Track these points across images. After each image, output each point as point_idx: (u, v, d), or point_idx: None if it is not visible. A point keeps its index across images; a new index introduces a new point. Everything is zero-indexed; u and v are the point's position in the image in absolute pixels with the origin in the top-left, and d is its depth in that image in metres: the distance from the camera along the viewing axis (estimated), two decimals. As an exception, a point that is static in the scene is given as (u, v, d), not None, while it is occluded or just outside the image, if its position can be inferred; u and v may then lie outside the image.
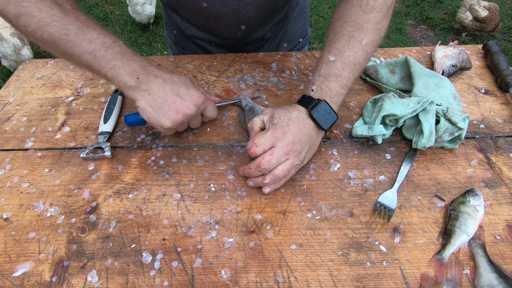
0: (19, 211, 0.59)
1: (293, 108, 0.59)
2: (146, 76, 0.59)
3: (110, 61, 0.57)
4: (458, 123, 0.60)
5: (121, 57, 0.58)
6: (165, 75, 0.60)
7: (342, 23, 0.62)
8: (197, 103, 0.61)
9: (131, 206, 0.59)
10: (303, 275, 0.51)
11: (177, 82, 0.60)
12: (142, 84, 0.58)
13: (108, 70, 0.58)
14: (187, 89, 0.61)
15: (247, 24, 0.80)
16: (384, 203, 0.57)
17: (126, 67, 0.58)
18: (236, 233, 0.55)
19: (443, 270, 0.50)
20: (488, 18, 2.43)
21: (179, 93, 0.60)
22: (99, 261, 0.53)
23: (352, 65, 0.61)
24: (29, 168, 0.64)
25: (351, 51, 0.61)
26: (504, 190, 0.59)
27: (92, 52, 0.56)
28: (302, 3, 0.94)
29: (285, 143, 0.55)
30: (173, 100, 0.59)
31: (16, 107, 0.76)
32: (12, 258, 0.53)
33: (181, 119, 0.60)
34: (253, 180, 0.59)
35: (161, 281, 0.50)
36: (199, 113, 0.63)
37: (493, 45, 0.81)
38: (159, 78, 0.59)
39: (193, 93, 0.61)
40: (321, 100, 0.59)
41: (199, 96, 0.61)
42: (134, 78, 0.58)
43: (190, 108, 0.60)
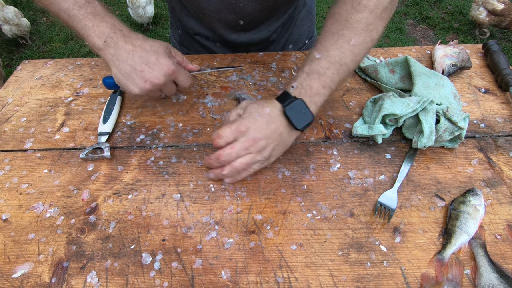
0: (18, 212, 0.58)
1: (268, 104, 0.58)
2: (114, 41, 0.58)
3: (81, 20, 0.58)
4: (458, 123, 0.60)
5: (92, 17, 0.58)
6: (135, 41, 0.59)
7: (333, 21, 0.60)
8: (166, 73, 0.59)
9: (131, 207, 0.59)
10: (304, 275, 0.50)
11: (147, 50, 0.59)
12: (110, 48, 0.58)
13: (80, 30, 0.59)
14: (156, 58, 0.59)
15: (245, 19, 0.80)
16: (385, 203, 0.57)
17: (96, 28, 0.58)
18: (236, 234, 0.55)
19: (443, 270, 0.50)
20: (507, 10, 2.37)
21: (148, 61, 0.58)
22: (98, 262, 0.52)
23: (338, 65, 0.58)
24: (28, 169, 0.64)
25: (338, 51, 0.58)
26: (505, 189, 0.59)
27: (66, 10, 0.58)
28: (309, 4, 0.94)
29: (247, 138, 0.54)
30: (141, 69, 0.58)
31: (15, 107, 0.75)
32: (12, 259, 0.53)
33: (149, 88, 0.59)
34: (213, 172, 0.59)
35: (161, 282, 0.50)
36: (169, 83, 0.62)
37: (493, 45, 0.81)
38: (128, 44, 0.58)
39: (162, 62, 0.59)
40: (297, 98, 0.57)
41: (168, 66, 0.59)
42: (102, 41, 0.58)
43: (158, 78, 0.59)
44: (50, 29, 2.85)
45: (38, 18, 2.97)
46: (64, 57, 2.60)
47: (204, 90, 0.78)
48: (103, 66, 0.85)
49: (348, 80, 0.79)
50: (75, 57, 2.61)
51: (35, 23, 2.93)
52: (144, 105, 0.75)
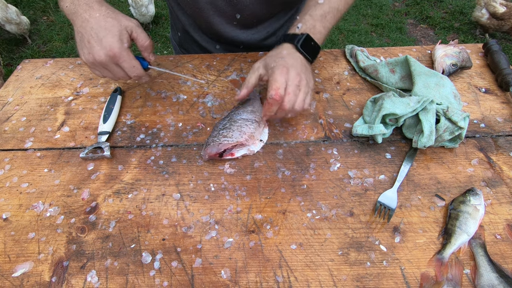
0: (18, 211, 0.59)
1: (281, 48, 0.65)
2: (74, 10, 0.60)
3: None
4: (458, 122, 0.60)
5: None
6: (94, 12, 0.60)
7: None
8: (107, 54, 0.59)
9: (131, 206, 0.59)
10: (303, 275, 0.50)
11: (100, 24, 0.59)
12: (71, 14, 0.61)
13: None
14: (104, 35, 0.59)
15: (242, 13, 0.80)
16: (384, 203, 0.57)
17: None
18: (236, 233, 0.55)
19: (443, 269, 0.50)
20: (507, 14, 2.33)
21: (96, 36, 0.59)
22: (98, 261, 0.52)
23: (335, 11, 0.69)
24: (28, 168, 0.64)
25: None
26: (505, 189, 0.59)
27: None
28: None
29: (292, 77, 0.60)
30: (88, 40, 0.59)
31: (15, 107, 0.76)
32: (12, 258, 0.53)
33: (91, 61, 0.60)
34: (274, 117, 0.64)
35: (160, 281, 0.50)
36: (112, 64, 0.61)
37: (493, 44, 0.81)
38: (86, 14, 0.60)
39: (107, 41, 0.58)
40: (304, 34, 0.65)
41: (111, 47, 0.59)
42: (65, 8, 0.61)
43: (99, 55, 0.59)
44: (51, 28, 2.85)
45: (38, 17, 2.97)
46: (64, 57, 2.60)
47: (205, 89, 0.78)
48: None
49: (349, 79, 0.79)
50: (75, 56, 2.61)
51: (35, 22, 2.93)
52: (144, 105, 0.75)
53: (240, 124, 0.65)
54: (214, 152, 0.61)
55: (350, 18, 2.88)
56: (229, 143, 0.62)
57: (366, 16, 2.90)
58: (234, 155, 0.63)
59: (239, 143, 0.62)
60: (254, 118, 0.66)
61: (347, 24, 2.81)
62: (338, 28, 2.78)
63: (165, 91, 0.78)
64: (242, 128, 0.64)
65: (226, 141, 0.62)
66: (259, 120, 0.66)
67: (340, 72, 0.81)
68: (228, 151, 0.63)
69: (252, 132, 0.64)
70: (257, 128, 0.65)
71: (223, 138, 0.62)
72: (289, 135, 0.68)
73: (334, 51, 0.86)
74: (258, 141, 0.66)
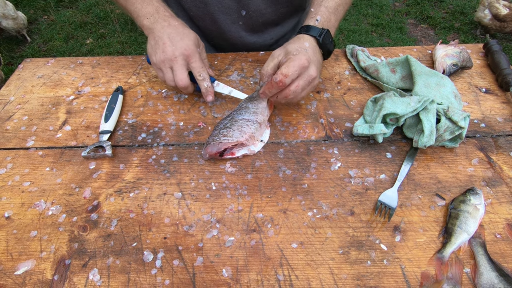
0: (20, 209, 0.59)
1: (303, 39, 0.64)
2: (154, 19, 0.67)
3: (133, 4, 0.69)
4: (458, 122, 0.60)
5: (142, 1, 0.68)
6: (173, 21, 0.66)
7: None
8: (182, 52, 0.64)
9: (132, 205, 0.59)
10: (304, 273, 0.51)
11: (179, 31, 0.65)
12: (151, 24, 0.67)
13: (132, 12, 0.69)
14: (181, 38, 0.65)
15: (247, 9, 0.81)
16: (385, 202, 0.57)
17: (144, 9, 0.67)
18: (237, 232, 0.55)
19: (443, 268, 0.50)
20: (509, 16, 2.31)
21: (173, 38, 0.64)
22: (100, 260, 0.53)
23: (344, 3, 0.71)
24: (30, 167, 0.65)
25: None
26: (505, 189, 0.59)
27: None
28: None
29: (310, 73, 0.60)
30: (164, 42, 0.64)
31: (17, 106, 0.76)
32: (14, 256, 0.53)
33: (162, 58, 0.64)
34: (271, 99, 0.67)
35: (162, 280, 0.50)
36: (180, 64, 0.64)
37: (493, 44, 0.81)
38: (165, 22, 0.66)
39: (184, 43, 0.64)
40: (324, 29, 0.65)
41: (188, 47, 0.65)
42: (146, 19, 0.67)
43: (173, 53, 0.64)
44: (51, 27, 2.86)
45: (39, 16, 2.97)
46: (65, 56, 2.60)
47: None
48: (104, 65, 0.85)
49: (349, 79, 0.79)
50: (76, 55, 2.62)
51: (36, 21, 2.93)
52: (145, 104, 0.75)
53: (241, 124, 0.65)
54: (215, 151, 0.62)
55: (351, 18, 2.88)
56: (229, 142, 0.62)
57: (366, 16, 2.90)
58: (234, 155, 0.63)
59: (239, 142, 0.63)
60: (256, 119, 0.66)
61: (347, 24, 2.81)
62: (339, 28, 2.78)
63: (166, 90, 0.78)
64: (243, 128, 0.64)
65: (226, 140, 0.62)
66: (261, 122, 0.66)
67: (341, 71, 0.81)
68: (229, 151, 0.63)
69: (252, 132, 0.64)
70: (258, 129, 0.65)
71: (224, 137, 0.63)
72: (290, 135, 0.69)
73: (335, 50, 0.86)
74: (259, 141, 0.66)
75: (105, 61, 0.86)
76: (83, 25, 2.85)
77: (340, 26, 2.78)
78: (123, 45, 2.70)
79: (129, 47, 2.68)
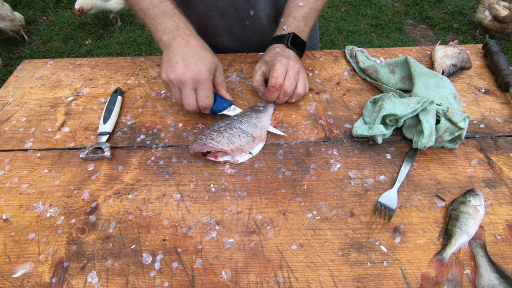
0: (18, 211, 0.58)
1: (274, 48, 0.73)
2: (173, 36, 0.65)
3: (153, 18, 0.66)
4: (458, 123, 0.60)
5: (162, 16, 0.66)
6: (192, 40, 0.65)
7: None
8: (192, 77, 0.62)
9: (131, 207, 0.59)
10: (304, 275, 0.50)
11: (195, 52, 0.63)
12: (168, 40, 0.65)
13: (151, 26, 0.67)
14: (195, 61, 0.62)
15: (255, 9, 0.82)
16: (385, 203, 0.57)
17: (164, 25, 0.65)
18: (236, 234, 0.55)
19: (443, 270, 0.50)
20: (509, 18, 2.30)
21: (187, 60, 0.62)
22: (99, 262, 0.52)
23: (314, 11, 0.76)
24: (28, 169, 0.64)
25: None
26: (505, 190, 0.59)
27: (143, 10, 0.67)
28: None
29: (292, 65, 0.67)
30: (177, 61, 0.62)
31: (15, 107, 0.75)
32: (12, 259, 0.53)
33: (172, 78, 0.62)
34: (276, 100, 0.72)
35: (161, 282, 0.50)
36: (190, 88, 0.63)
37: (493, 45, 0.81)
38: (183, 40, 0.64)
39: (197, 67, 0.62)
40: (291, 33, 0.73)
41: (200, 72, 0.62)
42: (164, 35, 0.65)
43: (183, 76, 0.62)
44: (50, 28, 2.85)
45: (38, 17, 2.97)
46: (63, 57, 2.60)
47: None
48: (103, 66, 0.85)
49: (349, 80, 0.79)
50: (75, 56, 2.61)
51: (35, 22, 2.93)
52: (144, 105, 0.75)
53: (234, 133, 0.64)
54: (198, 150, 0.62)
55: (350, 19, 2.88)
56: (213, 147, 0.62)
57: (365, 16, 2.90)
58: (217, 158, 0.63)
59: (222, 150, 0.62)
60: (252, 132, 0.65)
61: (346, 25, 2.81)
62: (338, 28, 2.78)
63: (166, 92, 0.78)
64: (233, 138, 0.63)
65: (211, 144, 0.62)
66: (256, 136, 0.65)
67: (340, 72, 0.81)
68: (212, 154, 0.63)
69: (241, 145, 0.63)
70: (249, 143, 0.64)
71: (210, 141, 0.62)
72: (289, 136, 0.68)
73: (334, 51, 0.86)
74: (247, 153, 0.65)
75: (104, 62, 0.85)
76: (82, 26, 2.85)
77: (339, 27, 2.78)
78: (122, 46, 2.70)
79: (128, 48, 2.68)
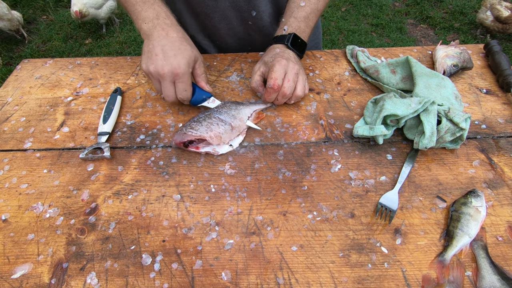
0: (17, 212, 0.58)
1: (274, 48, 0.72)
2: (153, 25, 0.64)
3: (133, 5, 0.67)
4: (460, 124, 0.60)
5: (142, 3, 0.66)
6: (171, 32, 0.64)
7: None
8: (170, 70, 0.62)
9: (131, 207, 0.58)
10: (304, 276, 0.50)
11: (174, 44, 0.63)
12: (148, 30, 0.65)
13: (132, 14, 0.67)
14: (174, 54, 0.62)
15: (257, 9, 0.81)
16: (385, 204, 0.57)
17: (143, 13, 0.65)
18: (236, 235, 0.55)
19: (444, 271, 0.50)
20: (511, 18, 2.30)
21: (165, 52, 0.62)
22: (98, 263, 0.52)
23: (316, 11, 0.76)
24: (27, 169, 0.64)
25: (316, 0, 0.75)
26: (506, 191, 0.59)
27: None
28: None
29: (291, 67, 0.67)
30: (157, 53, 0.62)
31: (14, 107, 0.75)
32: (11, 259, 0.53)
33: (151, 71, 0.63)
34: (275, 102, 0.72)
35: (161, 283, 0.50)
36: (169, 81, 0.64)
37: (494, 45, 0.80)
38: (163, 31, 0.64)
39: (175, 60, 0.62)
40: (291, 33, 0.72)
41: (178, 66, 0.62)
42: (144, 24, 0.65)
43: (162, 69, 0.62)
44: (50, 27, 2.85)
45: (38, 16, 2.97)
46: (63, 56, 2.60)
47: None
48: (103, 65, 0.84)
49: (349, 80, 0.79)
50: (75, 56, 2.61)
51: (35, 21, 2.93)
52: (144, 105, 0.75)
53: (212, 121, 0.65)
54: (178, 140, 0.63)
55: (350, 18, 2.87)
56: (193, 135, 0.63)
57: (366, 16, 2.89)
58: (199, 149, 0.64)
59: (202, 137, 0.63)
60: (230, 122, 0.66)
61: (347, 24, 2.81)
62: (339, 28, 2.78)
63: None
64: (212, 126, 0.64)
65: (191, 132, 0.63)
66: (235, 126, 0.66)
67: (340, 72, 0.81)
68: (195, 144, 0.64)
69: (219, 132, 0.64)
70: (227, 132, 0.65)
71: (190, 130, 0.63)
72: (290, 136, 0.68)
73: (335, 51, 0.86)
74: (227, 145, 0.66)
75: (103, 62, 0.85)
76: (82, 25, 2.84)
77: (340, 26, 2.77)
78: (122, 45, 2.70)
79: (128, 47, 2.68)
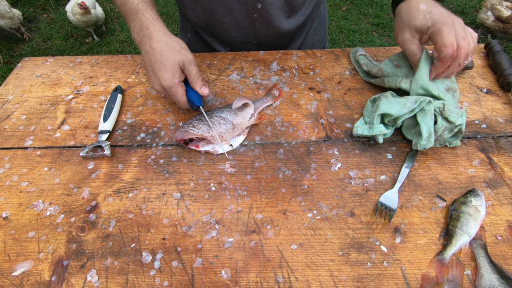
0: (18, 210, 0.58)
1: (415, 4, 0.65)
2: (140, 38, 0.66)
3: (125, 16, 0.69)
4: (455, 122, 0.60)
5: (129, 14, 0.68)
6: (154, 44, 0.64)
7: None
8: (161, 85, 0.64)
9: (131, 205, 0.58)
10: (304, 275, 0.50)
11: (157, 58, 0.64)
12: (139, 43, 0.67)
13: (126, 22, 0.70)
14: (159, 68, 0.63)
15: (263, 2, 0.79)
16: (385, 203, 0.57)
17: (131, 24, 0.68)
18: (236, 233, 0.55)
19: (444, 270, 0.50)
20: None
21: (153, 69, 0.64)
22: (98, 261, 0.52)
23: None
24: (28, 167, 0.64)
25: None
26: (506, 190, 0.59)
27: (119, 6, 0.70)
28: (323, 14, 0.96)
29: (457, 21, 0.61)
30: (148, 71, 0.66)
31: (15, 105, 0.75)
32: (12, 257, 0.53)
33: (157, 89, 0.66)
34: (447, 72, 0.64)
35: (161, 281, 0.50)
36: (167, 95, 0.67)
37: (495, 44, 0.80)
38: (146, 46, 0.65)
39: (161, 75, 0.63)
40: None
41: (164, 81, 0.63)
42: (134, 35, 0.67)
43: (156, 87, 0.66)
44: (51, 26, 2.85)
45: (39, 15, 2.97)
46: (64, 55, 2.60)
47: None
48: (103, 64, 0.84)
49: (350, 79, 0.79)
50: (75, 54, 2.61)
51: (35, 20, 2.93)
52: (144, 103, 0.75)
53: (214, 120, 0.65)
54: (179, 137, 0.63)
55: (351, 18, 2.87)
56: (194, 134, 0.63)
57: (367, 15, 2.89)
58: (198, 148, 0.65)
59: (203, 137, 0.63)
60: (232, 120, 0.66)
61: (348, 24, 2.80)
62: (339, 27, 2.77)
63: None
64: (213, 125, 0.65)
65: (192, 131, 0.63)
66: (237, 124, 0.66)
67: (341, 71, 0.81)
68: (195, 142, 0.64)
69: (221, 131, 0.64)
70: (229, 130, 0.65)
71: (191, 128, 0.64)
72: (290, 135, 0.68)
73: (335, 50, 0.86)
74: (228, 144, 0.66)
75: (104, 60, 0.85)
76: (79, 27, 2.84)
77: (340, 26, 2.77)
78: (123, 44, 2.70)
79: (128, 46, 2.68)
